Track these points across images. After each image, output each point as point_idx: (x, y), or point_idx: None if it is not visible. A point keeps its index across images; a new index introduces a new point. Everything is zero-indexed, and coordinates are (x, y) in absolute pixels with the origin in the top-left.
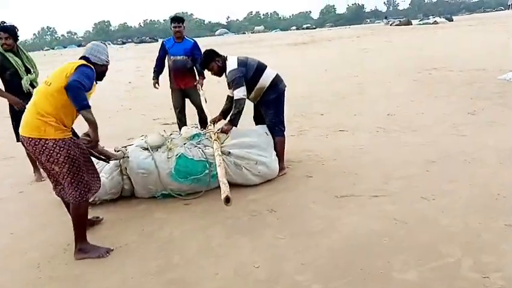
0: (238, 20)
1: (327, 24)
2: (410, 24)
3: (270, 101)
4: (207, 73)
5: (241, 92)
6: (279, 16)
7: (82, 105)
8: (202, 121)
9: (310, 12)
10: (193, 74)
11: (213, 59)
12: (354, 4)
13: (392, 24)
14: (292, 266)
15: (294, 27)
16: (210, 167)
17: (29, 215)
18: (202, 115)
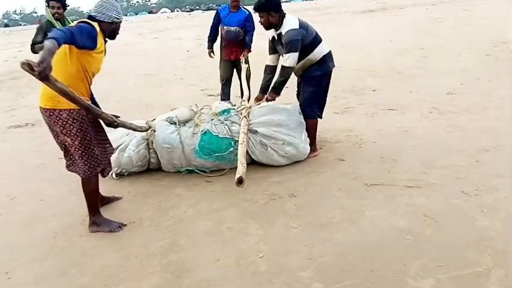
0: None
1: None
2: None
3: (313, 78)
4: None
5: (293, 60)
6: None
7: (50, 36)
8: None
9: None
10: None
11: (268, 9)
12: None
13: None
14: (297, 259)
15: None
16: (235, 144)
17: (61, 182)
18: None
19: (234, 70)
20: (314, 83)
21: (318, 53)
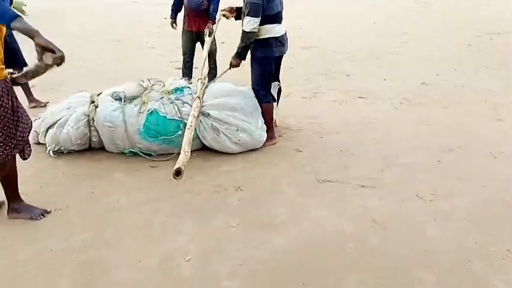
0: None
1: None
2: None
3: (256, 60)
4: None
5: (252, 24)
6: None
7: (11, 16)
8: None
9: None
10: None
11: None
12: None
13: None
14: (226, 265)
15: None
16: (185, 128)
17: None
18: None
19: (199, 44)
20: (258, 65)
21: (265, 30)
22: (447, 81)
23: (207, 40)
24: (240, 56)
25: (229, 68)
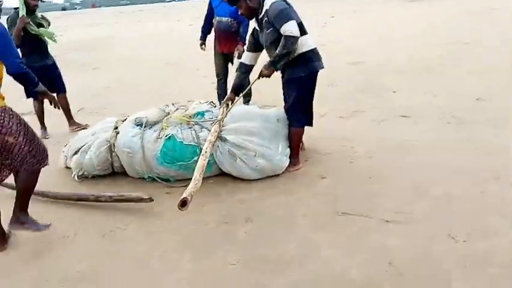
0: None
1: None
2: None
3: (296, 80)
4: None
5: (293, 26)
6: None
7: (36, 83)
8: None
9: None
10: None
11: None
12: None
13: None
14: None
15: None
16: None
17: None
18: None
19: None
20: (298, 85)
21: (300, 44)
22: (509, 98)
23: (236, 61)
24: (275, 64)
25: (258, 77)
